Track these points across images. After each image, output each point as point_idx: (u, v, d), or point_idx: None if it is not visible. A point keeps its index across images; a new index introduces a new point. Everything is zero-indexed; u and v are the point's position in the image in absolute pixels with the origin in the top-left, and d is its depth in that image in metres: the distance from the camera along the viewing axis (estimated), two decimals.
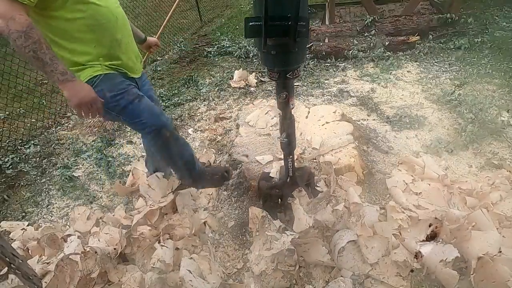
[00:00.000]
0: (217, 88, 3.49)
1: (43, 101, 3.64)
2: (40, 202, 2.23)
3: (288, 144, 1.62)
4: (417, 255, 1.51)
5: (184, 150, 1.75)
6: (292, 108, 1.51)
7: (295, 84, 3.35)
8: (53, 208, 2.18)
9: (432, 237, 1.59)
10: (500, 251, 1.49)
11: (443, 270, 1.43)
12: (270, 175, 1.89)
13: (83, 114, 1.31)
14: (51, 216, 2.11)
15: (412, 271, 1.50)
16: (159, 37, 2.07)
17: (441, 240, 1.56)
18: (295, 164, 1.75)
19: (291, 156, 1.70)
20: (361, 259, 1.58)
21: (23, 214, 2.15)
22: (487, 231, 1.56)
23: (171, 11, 2.94)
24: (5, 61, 3.24)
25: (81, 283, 1.44)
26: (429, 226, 1.63)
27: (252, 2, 1.39)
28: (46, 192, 2.27)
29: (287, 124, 1.57)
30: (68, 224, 1.96)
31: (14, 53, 3.52)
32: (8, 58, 3.28)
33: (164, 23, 2.75)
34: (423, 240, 1.58)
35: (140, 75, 1.66)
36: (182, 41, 5.19)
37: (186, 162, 1.77)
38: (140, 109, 1.49)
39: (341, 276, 1.53)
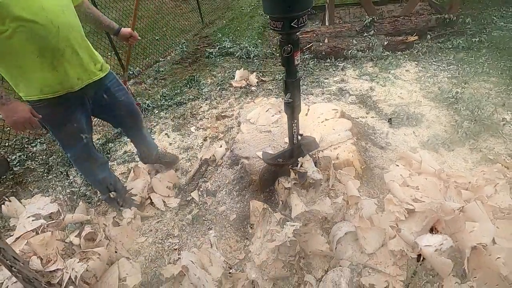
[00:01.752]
0: (218, 87, 3.55)
1: None
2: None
3: (292, 106, 1.52)
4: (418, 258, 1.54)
5: (97, 172, 1.85)
6: (297, 64, 1.42)
7: None
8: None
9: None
10: (494, 241, 1.54)
11: (438, 259, 1.48)
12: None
13: (18, 131, 1.40)
14: None
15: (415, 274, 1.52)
16: (133, 29, 2.09)
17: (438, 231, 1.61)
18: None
19: (295, 121, 1.62)
20: (359, 250, 1.63)
21: None
22: (481, 222, 1.61)
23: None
24: None
25: None
26: (426, 218, 1.68)
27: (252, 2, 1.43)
28: (53, 188, 2.33)
29: (291, 83, 1.47)
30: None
31: None
32: None
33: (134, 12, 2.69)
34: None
35: (102, 76, 1.66)
36: (184, 42, 5.27)
37: (97, 183, 1.91)
38: (64, 140, 1.67)
39: (340, 266, 1.58)
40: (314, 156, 2.05)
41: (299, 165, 1.83)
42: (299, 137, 1.77)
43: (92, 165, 1.79)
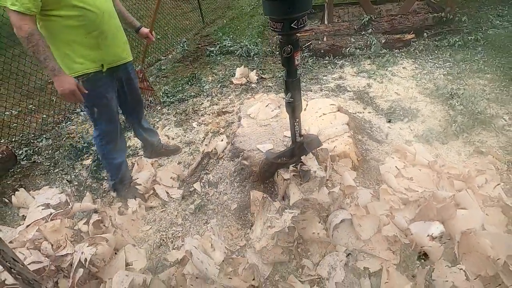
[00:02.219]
0: (219, 85, 3.63)
1: (53, 98, 3.80)
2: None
3: (294, 105, 1.54)
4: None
5: (115, 156, 2.01)
6: (297, 64, 1.46)
7: None
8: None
9: None
10: (483, 227, 1.62)
11: (430, 243, 1.55)
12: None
13: (67, 100, 1.65)
14: None
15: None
16: (151, 31, 2.25)
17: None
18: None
19: (297, 120, 1.65)
20: (355, 236, 1.70)
21: None
22: (471, 210, 1.68)
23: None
24: (14, 62, 3.40)
25: None
26: (418, 206, 1.76)
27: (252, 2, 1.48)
28: (60, 181, 2.41)
29: (291, 82, 1.49)
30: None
31: (22, 55, 3.71)
32: (16, 59, 3.44)
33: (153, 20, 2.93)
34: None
35: (129, 60, 1.93)
36: (185, 41, 5.34)
37: (112, 167, 2.03)
38: (101, 116, 1.84)
39: (336, 251, 1.66)
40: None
41: (301, 163, 1.86)
42: (302, 136, 1.79)
43: (115, 147, 1.97)
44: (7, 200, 2.22)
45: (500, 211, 1.72)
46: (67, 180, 2.34)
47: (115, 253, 1.66)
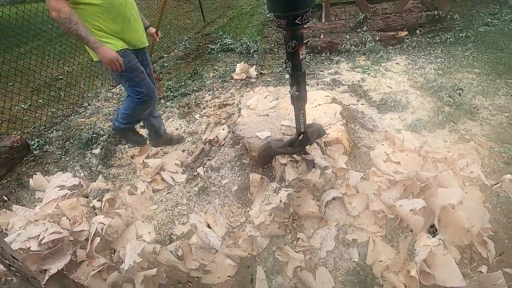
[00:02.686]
0: (220, 80, 3.79)
1: (61, 93, 3.97)
2: None
3: (299, 98, 1.60)
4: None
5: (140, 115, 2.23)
6: (302, 58, 1.48)
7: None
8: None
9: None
10: (462, 204, 1.77)
11: (412, 217, 1.71)
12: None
13: (111, 68, 1.81)
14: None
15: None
16: (157, 31, 2.46)
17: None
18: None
19: (302, 111, 1.70)
20: (345, 213, 1.86)
21: None
22: (451, 188, 1.84)
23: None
24: (20, 60, 3.57)
25: None
26: (404, 186, 1.91)
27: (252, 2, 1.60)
28: (71, 167, 2.57)
29: (297, 76, 1.53)
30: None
31: (29, 52, 3.87)
32: (21, 57, 3.60)
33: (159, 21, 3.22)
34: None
35: (147, 45, 2.13)
36: (187, 39, 5.51)
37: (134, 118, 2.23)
38: (142, 82, 2.03)
39: (328, 226, 1.81)
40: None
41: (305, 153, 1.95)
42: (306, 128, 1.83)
43: (145, 109, 2.17)
44: (17, 188, 2.38)
45: (478, 189, 1.87)
46: (80, 165, 2.50)
47: (126, 228, 1.82)
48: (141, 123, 2.61)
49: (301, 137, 1.85)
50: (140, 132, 2.41)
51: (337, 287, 1.56)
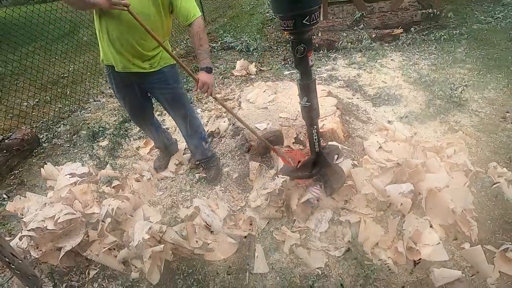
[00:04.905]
0: (221, 76, 3.92)
1: (67, 90, 4.10)
2: None
3: (311, 110, 1.41)
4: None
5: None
6: (312, 64, 1.35)
7: (290, 72, 3.78)
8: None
9: None
10: (447, 187, 1.89)
11: (401, 199, 1.83)
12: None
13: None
14: None
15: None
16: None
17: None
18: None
19: (315, 127, 1.49)
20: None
21: None
22: (438, 173, 1.96)
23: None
24: (24, 59, 3.70)
25: None
26: (394, 172, 2.04)
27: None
28: (80, 159, 2.70)
29: (307, 85, 1.39)
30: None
31: (32, 52, 3.99)
32: (25, 57, 3.73)
33: None
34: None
35: (149, 71, 1.83)
36: (188, 38, 5.63)
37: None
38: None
39: (323, 210, 1.94)
40: (304, 126, 2.40)
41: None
42: (321, 146, 1.66)
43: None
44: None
45: (463, 175, 2.00)
46: (89, 155, 2.63)
47: (134, 211, 1.94)
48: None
49: (316, 157, 1.62)
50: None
51: (330, 262, 1.68)
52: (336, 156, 1.81)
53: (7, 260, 1.16)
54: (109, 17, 1.63)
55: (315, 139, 1.55)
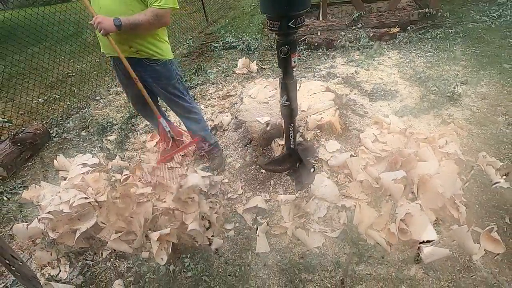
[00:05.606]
0: (223, 74, 4.05)
1: (74, 89, 4.24)
2: None
3: (289, 108, 1.47)
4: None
5: None
6: (295, 66, 1.40)
7: None
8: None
9: None
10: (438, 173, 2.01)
11: (394, 185, 1.95)
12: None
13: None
14: None
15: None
16: None
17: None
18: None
19: (292, 125, 1.55)
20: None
21: None
22: (429, 161, 2.08)
23: None
24: (32, 59, 3.85)
25: None
26: (387, 161, 2.15)
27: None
28: (89, 151, 2.83)
29: (288, 85, 1.44)
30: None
31: (37, 54, 4.13)
32: (31, 58, 3.87)
33: None
34: None
35: (134, 57, 1.86)
36: (191, 38, 5.78)
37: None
38: None
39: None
40: (303, 119, 2.52)
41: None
42: (297, 143, 1.71)
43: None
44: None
45: (454, 163, 2.11)
46: (99, 147, 2.76)
47: None
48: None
49: (290, 153, 1.70)
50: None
51: (327, 243, 1.80)
52: (312, 170, 1.84)
53: (7, 262, 1.13)
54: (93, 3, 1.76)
55: (291, 136, 1.61)
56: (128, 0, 1.74)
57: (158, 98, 2.25)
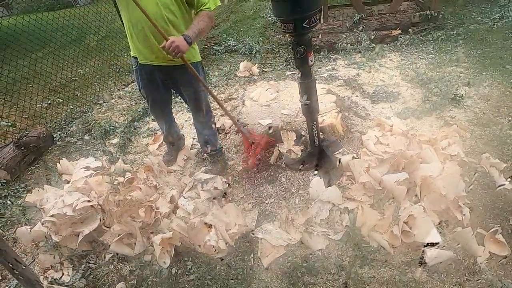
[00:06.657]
0: (225, 77, 4.06)
1: (77, 93, 4.27)
2: None
3: (310, 108, 1.52)
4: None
5: None
6: (312, 64, 1.45)
7: (292, 72, 3.91)
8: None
9: None
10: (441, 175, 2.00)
11: (396, 187, 1.94)
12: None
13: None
14: None
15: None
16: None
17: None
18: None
19: (315, 122, 1.61)
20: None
21: None
22: (432, 163, 2.07)
23: None
24: (32, 65, 3.88)
25: None
26: (390, 163, 2.15)
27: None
28: (92, 155, 2.85)
29: (307, 84, 1.50)
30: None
31: (41, 58, 4.17)
32: (34, 63, 3.90)
33: None
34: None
35: (171, 64, 1.93)
36: (201, 39, 5.79)
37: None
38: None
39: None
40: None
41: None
42: (322, 140, 1.78)
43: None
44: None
45: (456, 164, 2.10)
46: (101, 151, 2.77)
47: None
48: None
49: (316, 151, 1.74)
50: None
51: (330, 245, 1.79)
52: (338, 163, 1.85)
53: (11, 265, 1.13)
54: (131, 9, 1.70)
55: (315, 133, 1.65)
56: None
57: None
